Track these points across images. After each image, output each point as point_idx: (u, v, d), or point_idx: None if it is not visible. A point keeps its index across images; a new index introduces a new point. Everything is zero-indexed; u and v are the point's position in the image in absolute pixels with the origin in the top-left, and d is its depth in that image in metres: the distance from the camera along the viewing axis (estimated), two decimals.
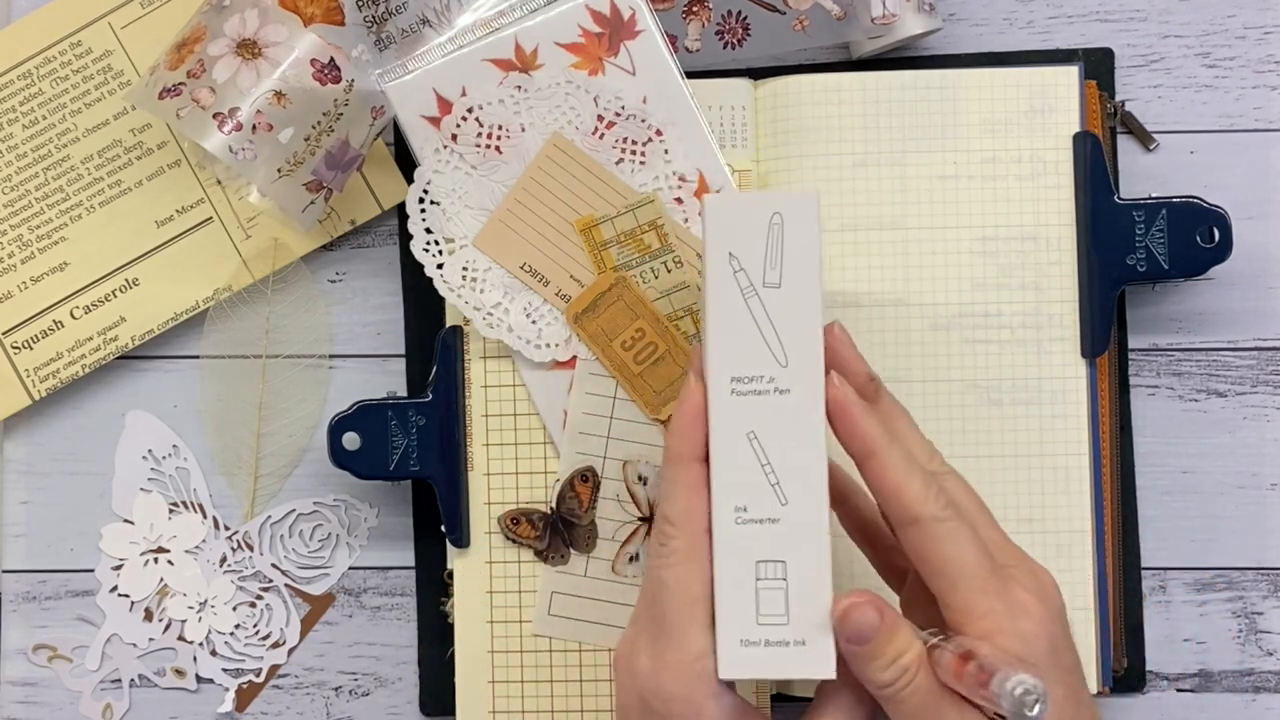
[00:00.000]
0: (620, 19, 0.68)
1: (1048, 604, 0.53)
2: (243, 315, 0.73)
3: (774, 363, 0.54)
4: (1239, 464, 0.72)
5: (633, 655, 0.55)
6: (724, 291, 0.54)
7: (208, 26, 0.66)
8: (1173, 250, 0.68)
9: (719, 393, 0.54)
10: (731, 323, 0.54)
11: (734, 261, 0.54)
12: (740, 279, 0.54)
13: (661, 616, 0.54)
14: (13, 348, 0.73)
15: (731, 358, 0.54)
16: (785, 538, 0.54)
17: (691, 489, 0.54)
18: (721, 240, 0.55)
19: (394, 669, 0.73)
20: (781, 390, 0.54)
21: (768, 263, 0.54)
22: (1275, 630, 0.72)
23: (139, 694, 0.73)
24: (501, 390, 0.69)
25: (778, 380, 0.54)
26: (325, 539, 0.73)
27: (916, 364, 0.69)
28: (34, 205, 0.73)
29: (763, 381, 0.54)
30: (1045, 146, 0.69)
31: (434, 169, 0.68)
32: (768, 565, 0.54)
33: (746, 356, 0.54)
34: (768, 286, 0.55)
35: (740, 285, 0.54)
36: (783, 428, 0.54)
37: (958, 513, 0.54)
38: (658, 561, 0.55)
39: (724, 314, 0.54)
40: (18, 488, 0.74)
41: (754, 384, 0.54)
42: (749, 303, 0.54)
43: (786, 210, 0.55)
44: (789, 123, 0.69)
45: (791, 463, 0.54)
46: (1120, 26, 0.73)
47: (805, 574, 0.54)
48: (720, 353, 0.54)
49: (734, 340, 0.54)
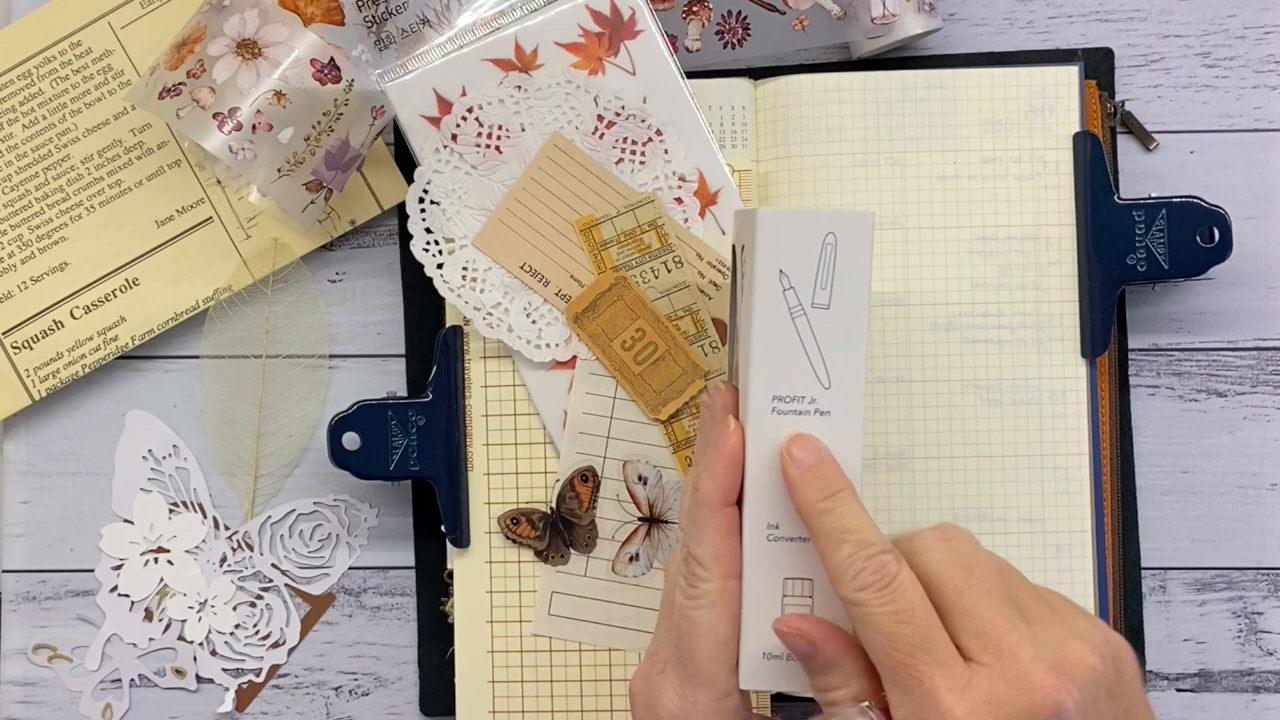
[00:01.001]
0: (620, 19, 0.68)
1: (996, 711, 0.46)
2: (243, 315, 0.73)
3: (817, 384, 0.54)
4: (1239, 464, 0.72)
5: (656, 693, 0.55)
6: (772, 309, 0.54)
7: (208, 26, 0.66)
8: (1173, 250, 0.68)
9: (759, 411, 0.54)
10: (778, 341, 0.54)
11: (784, 279, 0.53)
12: (789, 297, 0.54)
13: (690, 656, 0.54)
14: (13, 348, 0.73)
15: (775, 377, 0.54)
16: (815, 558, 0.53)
17: (725, 533, 0.54)
18: (772, 257, 0.54)
19: (394, 669, 0.73)
20: (822, 412, 0.54)
21: (818, 283, 0.54)
22: (1275, 630, 0.72)
23: (139, 694, 0.73)
24: (501, 390, 0.69)
25: (819, 402, 0.54)
26: (325, 539, 0.73)
27: (916, 364, 0.69)
28: (34, 205, 0.73)
29: (804, 402, 0.54)
30: (1045, 146, 0.69)
31: (434, 169, 0.68)
32: (795, 583, 0.54)
33: (790, 376, 0.54)
34: (816, 307, 0.54)
35: (789, 304, 0.54)
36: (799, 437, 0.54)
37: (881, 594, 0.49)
38: (688, 602, 0.54)
39: (771, 332, 0.54)
40: (18, 488, 0.74)
41: (795, 404, 0.54)
42: (796, 322, 0.54)
43: (841, 230, 0.54)
44: (789, 123, 0.69)
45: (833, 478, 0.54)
46: (1120, 26, 0.73)
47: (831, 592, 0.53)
48: (764, 371, 0.54)
49: (779, 359, 0.54)
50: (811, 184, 0.69)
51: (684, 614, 0.54)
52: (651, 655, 0.56)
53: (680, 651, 0.54)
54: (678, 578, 0.55)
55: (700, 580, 0.54)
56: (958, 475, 0.68)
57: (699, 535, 0.54)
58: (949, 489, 0.68)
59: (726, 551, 0.54)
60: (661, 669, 0.55)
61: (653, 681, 0.55)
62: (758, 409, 0.54)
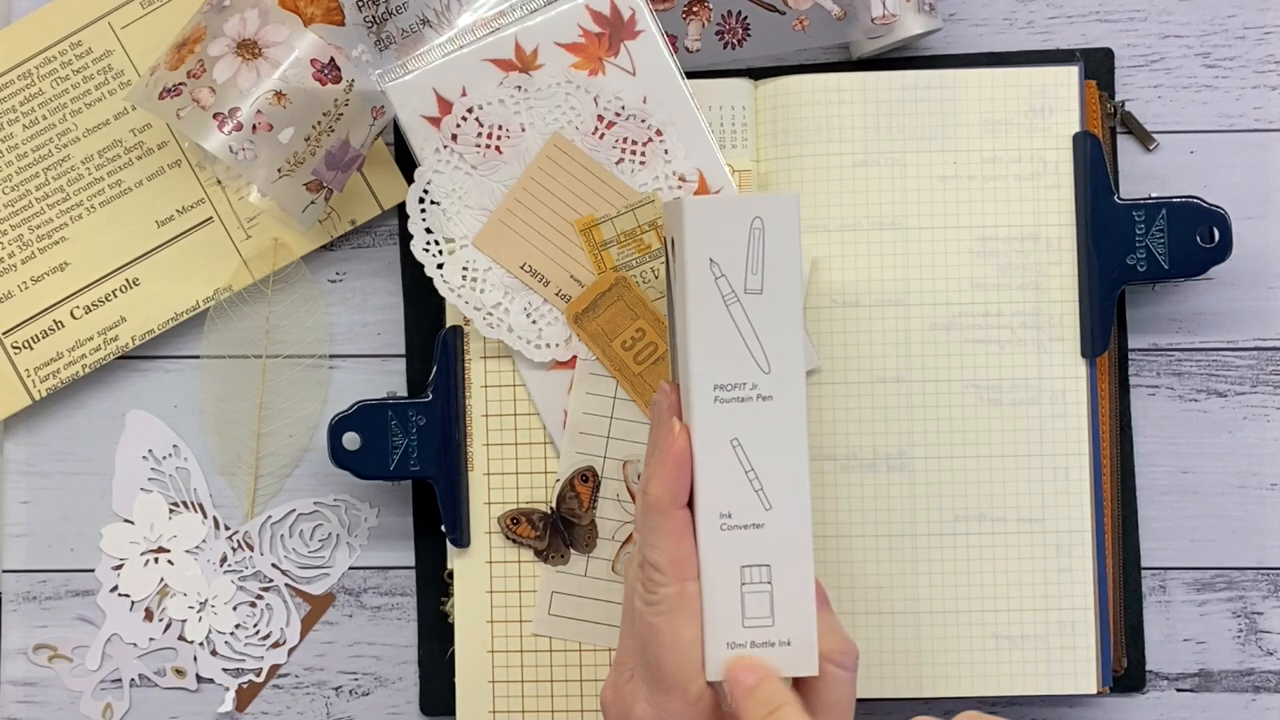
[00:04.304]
0: (620, 19, 0.68)
1: None
2: (243, 315, 0.73)
3: (757, 369, 0.54)
4: (1239, 464, 0.72)
5: (628, 702, 0.55)
6: (705, 298, 0.54)
7: (208, 26, 0.66)
8: (1173, 250, 0.68)
9: (701, 402, 0.54)
10: (714, 330, 0.54)
11: (714, 267, 0.54)
12: (722, 285, 0.54)
13: (657, 664, 0.54)
14: (13, 348, 0.73)
15: (715, 366, 0.54)
16: (770, 542, 0.54)
17: (679, 536, 0.54)
18: (702, 246, 0.54)
19: (394, 669, 0.73)
20: (764, 396, 0.54)
21: (749, 268, 0.54)
22: (1275, 630, 0.72)
23: (139, 694, 0.73)
24: (501, 390, 0.69)
25: (760, 386, 0.54)
26: (325, 539, 0.73)
27: (916, 364, 0.69)
28: (34, 205, 0.73)
29: (745, 389, 0.54)
30: (1045, 146, 0.69)
31: (434, 169, 0.68)
32: (753, 570, 0.54)
33: (729, 364, 0.54)
34: (749, 293, 0.54)
35: (722, 291, 0.54)
36: (766, 433, 0.54)
37: None
38: (648, 609, 0.54)
39: (706, 322, 0.54)
40: (18, 488, 0.74)
41: (736, 391, 0.54)
42: (730, 309, 0.54)
43: (767, 214, 0.54)
44: (789, 123, 0.69)
45: (775, 467, 0.54)
46: (1120, 26, 0.73)
47: (789, 575, 0.54)
48: (703, 361, 0.54)
49: (717, 348, 0.54)
50: (811, 184, 0.69)
51: (646, 621, 0.54)
52: (618, 664, 0.56)
53: (646, 659, 0.54)
54: (636, 584, 0.55)
55: (658, 585, 0.54)
56: (958, 475, 0.68)
57: (653, 540, 0.54)
58: (949, 489, 0.68)
59: (682, 554, 0.54)
60: (629, 677, 0.55)
61: (622, 691, 0.55)
62: (701, 400, 0.54)
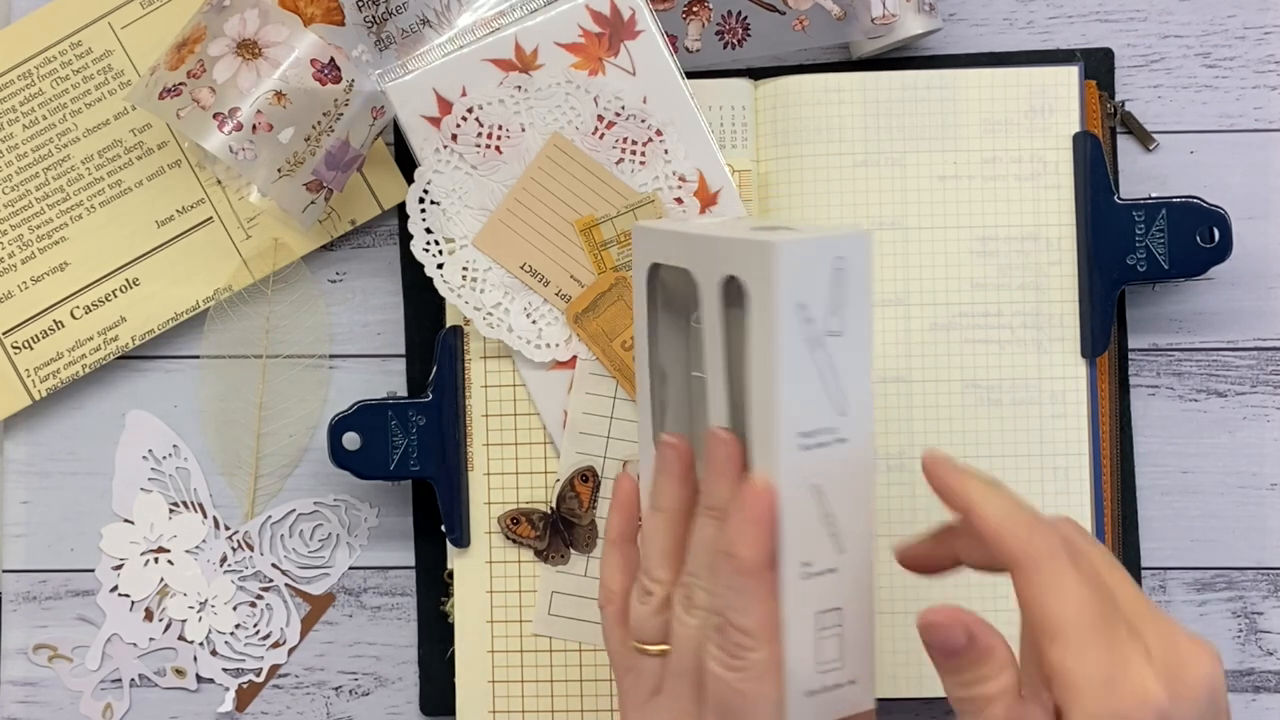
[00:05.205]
0: (620, 19, 0.68)
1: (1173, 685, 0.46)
2: (243, 315, 0.73)
3: (835, 413, 0.52)
4: (1239, 464, 0.72)
5: None
6: (792, 345, 0.51)
7: (208, 26, 0.66)
8: (1173, 250, 0.68)
9: (787, 450, 0.51)
10: (800, 377, 0.51)
11: (802, 311, 0.51)
12: (808, 330, 0.51)
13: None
14: (13, 348, 0.73)
15: (800, 413, 0.51)
16: (842, 584, 0.52)
17: (768, 597, 0.51)
18: (792, 290, 0.50)
19: (394, 669, 0.73)
20: (841, 439, 0.52)
21: (831, 309, 0.51)
22: (1275, 630, 0.72)
23: (139, 694, 0.73)
24: (501, 390, 0.69)
25: (838, 430, 0.52)
26: (325, 539, 0.73)
27: (916, 364, 0.69)
28: (34, 205, 0.73)
29: (826, 434, 0.51)
30: (1045, 146, 0.69)
31: (434, 169, 0.68)
32: (827, 615, 0.52)
33: (814, 410, 0.51)
34: (830, 335, 0.51)
35: (808, 336, 0.51)
36: (841, 475, 0.52)
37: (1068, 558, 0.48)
38: (735, 675, 0.51)
39: (793, 369, 0.51)
40: (18, 488, 0.74)
41: (819, 436, 0.51)
42: (815, 355, 0.51)
43: (848, 253, 0.51)
44: (789, 123, 0.69)
45: (847, 509, 0.52)
46: (1120, 26, 0.73)
47: (856, 614, 0.52)
48: (791, 409, 0.51)
49: (802, 394, 0.51)
50: (811, 184, 0.69)
51: (733, 689, 0.51)
52: None
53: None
54: (709, 647, 0.52)
55: (748, 651, 0.51)
56: None
57: (741, 604, 0.51)
58: None
59: (771, 615, 0.51)
60: None
61: None
62: (786, 448, 0.51)
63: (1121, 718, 0.46)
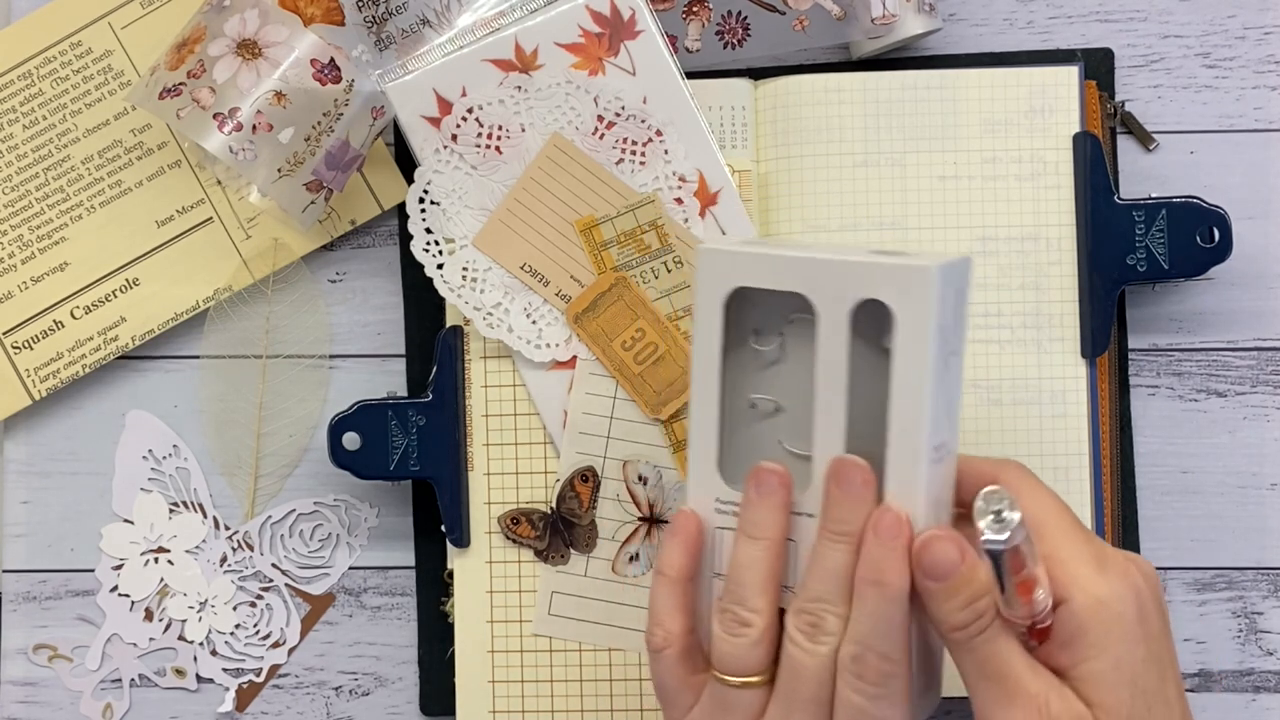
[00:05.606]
0: (620, 19, 0.68)
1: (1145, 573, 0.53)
2: (243, 315, 0.73)
3: (950, 427, 0.54)
4: (1239, 464, 0.72)
5: None
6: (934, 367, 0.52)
7: (208, 26, 0.66)
8: (1173, 250, 0.68)
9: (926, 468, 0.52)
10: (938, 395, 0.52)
11: (942, 334, 0.52)
12: (944, 348, 0.53)
13: None
14: (13, 348, 0.73)
15: (935, 431, 0.53)
16: None
17: (907, 624, 0.52)
18: (940, 313, 0.52)
19: (394, 669, 0.73)
20: (951, 452, 0.54)
21: (955, 329, 0.53)
22: (1275, 630, 0.72)
23: (139, 694, 0.73)
24: (501, 390, 0.69)
25: (949, 443, 0.54)
26: (325, 539, 0.73)
27: None
28: (34, 205, 0.73)
29: (944, 448, 0.53)
30: (1045, 146, 0.69)
31: (434, 169, 0.68)
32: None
33: (942, 427, 0.53)
34: (954, 354, 0.53)
35: (943, 354, 0.53)
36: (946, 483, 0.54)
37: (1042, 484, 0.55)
38: (876, 704, 0.51)
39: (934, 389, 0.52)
40: (18, 488, 0.74)
41: (942, 450, 0.53)
42: (946, 373, 0.53)
43: (966, 275, 0.54)
44: (789, 123, 0.69)
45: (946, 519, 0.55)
46: (1120, 26, 0.73)
47: None
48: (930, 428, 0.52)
49: (938, 413, 0.53)
50: (811, 184, 0.69)
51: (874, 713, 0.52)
52: None
53: None
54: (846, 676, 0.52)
55: (891, 678, 0.51)
56: None
57: (888, 631, 0.51)
58: None
59: (908, 640, 0.52)
60: None
61: None
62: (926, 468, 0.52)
63: (1115, 592, 0.52)
